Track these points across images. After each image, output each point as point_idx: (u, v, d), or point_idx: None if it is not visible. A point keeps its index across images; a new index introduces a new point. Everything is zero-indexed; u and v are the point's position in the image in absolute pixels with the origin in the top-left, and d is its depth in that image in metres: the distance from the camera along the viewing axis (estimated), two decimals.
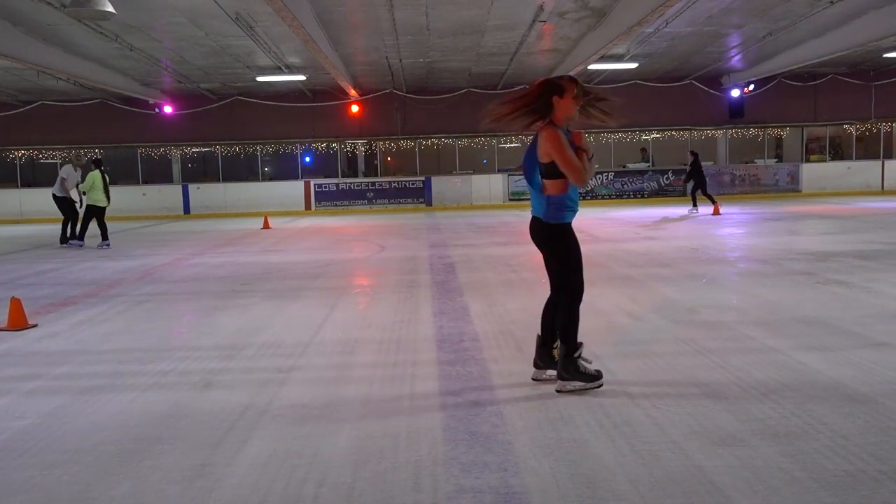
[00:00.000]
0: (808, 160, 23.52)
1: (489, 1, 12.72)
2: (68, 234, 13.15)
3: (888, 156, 23.20)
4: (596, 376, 3.80)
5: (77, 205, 13.18)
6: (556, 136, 3.70)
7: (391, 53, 17.02)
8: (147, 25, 13.73)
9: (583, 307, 3.80)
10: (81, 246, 12.81)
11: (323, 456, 3.06)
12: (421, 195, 22.58)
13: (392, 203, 22.51)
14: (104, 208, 12.76)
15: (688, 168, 17.32)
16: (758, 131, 23.18)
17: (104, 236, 12.72)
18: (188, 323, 6.12)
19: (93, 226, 12.91)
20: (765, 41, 16.83)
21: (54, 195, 13.06)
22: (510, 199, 22.48)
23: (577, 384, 3.75)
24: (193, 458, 3.07)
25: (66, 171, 13.08)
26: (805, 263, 8.07)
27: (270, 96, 22.14)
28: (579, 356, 3.79)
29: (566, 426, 3.30)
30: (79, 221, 13.17)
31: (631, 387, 3.83)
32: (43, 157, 22.65)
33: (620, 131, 22.94)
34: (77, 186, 13.13)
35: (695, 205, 17.15)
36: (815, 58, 17.44)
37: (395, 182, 22.71)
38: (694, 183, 17.03)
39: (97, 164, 12.85)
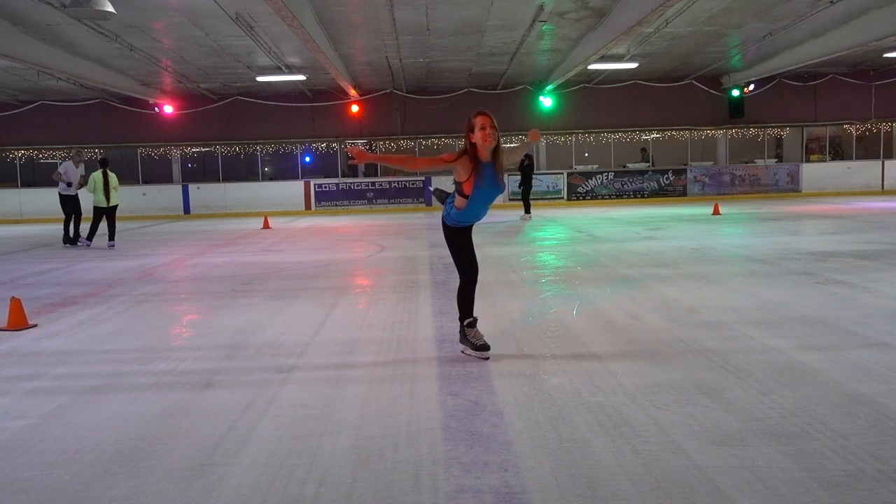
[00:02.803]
0: (808, 160, 23.53)
1: (489, 1, 12.72)
2: (71, 234, 13.16)
3: (888, 156, 23.21)
4: (483, 347, 4.52)
5: (79, 193, 13.18)
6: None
7: (391, 53, 17.02)
8: (147, 25, 13.74)
9: (583, 307, 3.83)
10: (89, 246, 12.81)
11: (323, 456, 3.06)
12: (421, 195, 22.58)
13: (392, 203, 22.51)
14: (109, 208, 12.74)
15: (522, 171, 16.90)
16: (758, 131, 23.19)
17: (111, 236, 12.72)
18: (188, 323, 6.12)
19: (102, 225, 12.91)
20: (765, 41, 16.84)
21: (59, 194, 13.10)
22: (510, 199, 22.45)
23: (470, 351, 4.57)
24: (193, 458, 3.07)
25: (65, 167, 13.11)
26: (805, 263, 8.07)
27: (270, 96, 22.14)
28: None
29: (566, 426, 3.30)
30: (81, 221, 13.19)
31: (631, 387, 3.84)
32: (43, 157, 22.66)
33: (620, 131, 22.96)
34: (83, 180, 13.14)
35: (528, 210, 16.92)
36: (815, 58, 17.44)
37: (395, 182, 22.71)
38: (523, 187, 16.76)
39: (102, 164, 12.86)
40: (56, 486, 2.83)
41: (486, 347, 4.51)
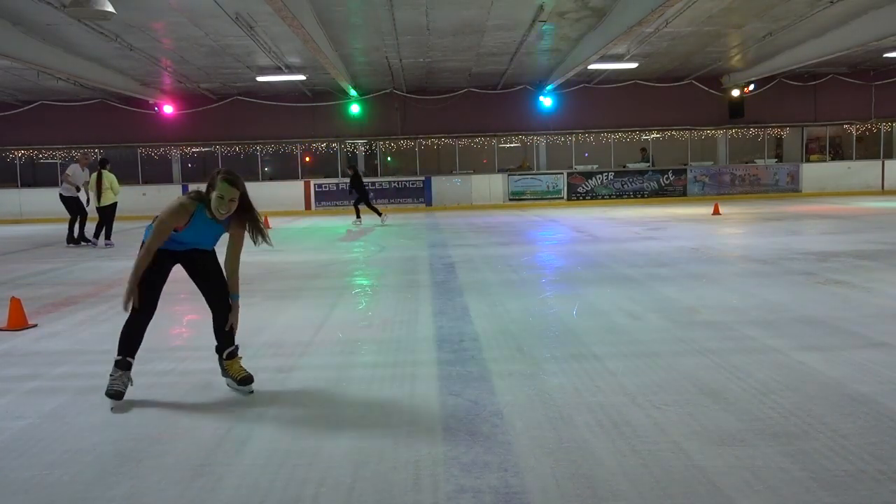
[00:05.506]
0: (808, 160, 23.52)
1: (489, 1, 12.72)
2: (75, 235, 13.16)
3: (888, 156, 23.20)
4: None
5: (85, 203, 13.21)
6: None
7: (391, 53, 17.02)
8: (147, 25, 13.73)
9: (583, 307, 3.82)
10: (96, 245, 12.83)
11: (323, 456, 3.05)
12: (421, 195, 22.57)
13: (392, 203, 22.49)
14: (101, 207, 12.76)
15: (349, 182, 17.38)
16: (758, 131, 23.18)
17: (104, 234, 12.73)
18: (188, 323, 6.11)
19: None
20: (765, 41, 16.82)
21: (61, 195, 13.11)
22: (510, 199, 22.47)
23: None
24: (193, 458, 3.07)
25: (72, 169, 13.14)
26: (805, 263, 8.06)
27: (270, 96, 22.13)
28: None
29: (566, 426, 3.30)
30: (86, 222, 13.20)
31: (631, 387, 3.83)
32: (43, 157, 22.64)
33: (620, 131, 22.95)
34: (86, 186, 13.16)
35: (358, 216, 17.26)
36: (815, 58, 17.43)
37: (395, 182, 22.71)
38: (357, 195, 17.19)
39: (101, 164, 12.89)
40: (56, 486, 2.83)
41: (119, 396, 3.81)
